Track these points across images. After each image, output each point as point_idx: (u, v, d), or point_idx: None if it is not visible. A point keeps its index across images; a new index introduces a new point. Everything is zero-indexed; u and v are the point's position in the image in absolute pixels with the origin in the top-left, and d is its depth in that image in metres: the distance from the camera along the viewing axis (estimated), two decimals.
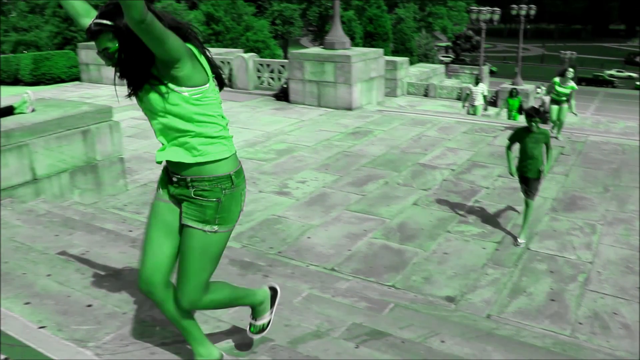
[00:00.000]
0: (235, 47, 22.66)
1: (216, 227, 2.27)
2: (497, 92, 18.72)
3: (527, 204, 5.87)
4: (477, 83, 14.45)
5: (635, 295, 4.77)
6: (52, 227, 5.10)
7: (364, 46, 28.62)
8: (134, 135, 9.67)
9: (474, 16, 29.56)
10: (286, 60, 13.98)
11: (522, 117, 8.30)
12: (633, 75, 59.91)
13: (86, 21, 2.49)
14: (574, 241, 5.79)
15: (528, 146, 5.77)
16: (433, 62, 37.79)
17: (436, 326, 3.85)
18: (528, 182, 5.87)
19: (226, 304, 2.66)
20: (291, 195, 6.99)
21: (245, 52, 16.05)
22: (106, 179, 6.99)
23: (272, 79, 13.92)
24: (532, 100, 18.67)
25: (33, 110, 6.53)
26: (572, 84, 9.85)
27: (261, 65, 14.19)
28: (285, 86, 13.11)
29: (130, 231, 5.42)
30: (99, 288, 3.51)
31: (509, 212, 6.51)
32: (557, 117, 9.88)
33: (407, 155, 8.73)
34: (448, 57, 50.04)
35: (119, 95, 2.21)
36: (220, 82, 2.37)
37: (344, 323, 3.50)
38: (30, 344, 2.82)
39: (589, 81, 54.36)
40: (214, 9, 30.14)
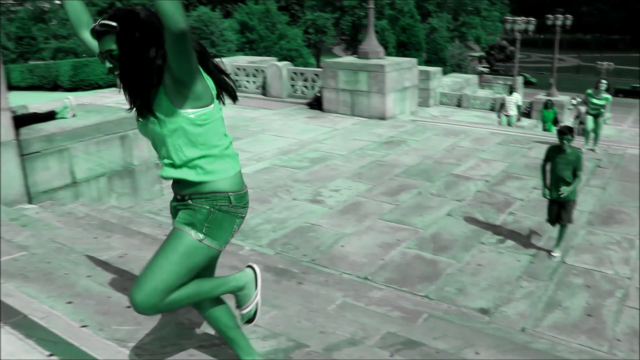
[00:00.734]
0: (268, 55, 22.85)
1: (202, 236, 2.17)
2: (532, 103, 18.52)
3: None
4: (511, 93, 14.33)
5: None
6: (91, 230, 5.22)
7: (397, 56, 28.59)
8: None
9: (509, 26, 29.30)
10: (320, 68, 14.06)
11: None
12: None
13: (87, 35, 2.44)
14: (612, 256, 5.69)
15: (558, 167, 5.55)
16: (466, 73, 37.54)
17: (470, 338, 3.83)
18: (561, 205, 5.66)
19: (194, 300, 2.34)
20: (324, 203, 7.02)
21: (278, 61, 16.19)
22: (142, 184, 7.11)
23: (306, 88, 14.01)
24: (567, 112, 18.43)
25: (74, 115, 6.69)
26: (607, 96, 9.69)
27: (295, 73, 14.29)
28: (318, 95, 13.19)
29: (165, 236, 5.50)
30: None
31: (544, 225, 6.43)
32: (593, 130, 9.75)
33: (441, 165, 8.70)
34: (487, 67, 49.57)
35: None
36: (231, 95, 2.36)
37: (378, 332, 3.51)
38: (73, 342, 2.89)
39: (627, 93, 53.30)
40: (249, 18, 30.47)
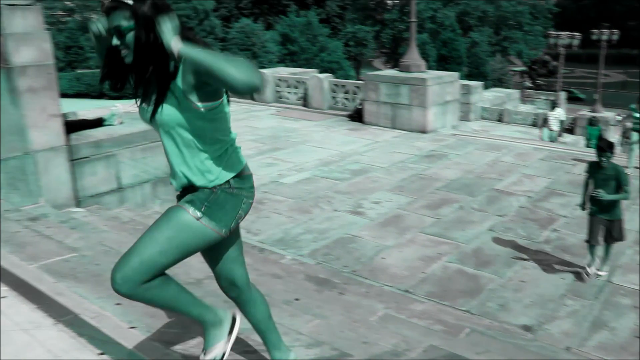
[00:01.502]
0: (309, 67, 23.02)
1: (199, 214, 2.03)
2: (575, 119, 18.21)
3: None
4: (554, 108, 14.12)
5: None
6: (136, 234, 5.29)
7: (437, 69, 28.49)
8: None
9: (552, 41, 28.91)
10: (361, 81, 14.10)
11: None
12: None
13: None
14: None
15: (597, 183, 5.36)
16: (507, 87, 37.12)
17: (514, 354, 3.79)
18: (609, 224, 5.45)
19: (168, 304, 2.21)
20: (365, 215, 7.03)
21: (319, 73, 16.29)
22: None
23: (347, 100, 14.05)
24: (612, 128, 18.05)
25: (121, 122, 6.85)
26: None
27: (336, 85, 14.36)
28: (359, 107, 13.22)
29: None
30: None
31: None
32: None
33: (483, 180, 8.62)
34: (538, 82, 48.72)
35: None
36: None
37: (421, 344, 3.50)
38: (122, 343, 2.96)
39: None
40: (290, 30, 30.79)
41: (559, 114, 14.06)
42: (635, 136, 9.51)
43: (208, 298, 3.79)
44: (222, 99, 2.07)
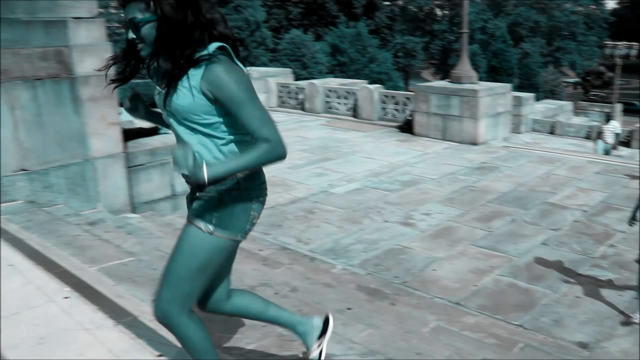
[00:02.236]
0: (358, 78, 23.08)
1: (212, 228, 2.01)
2: (632, 132, 17.69)
3: None
4: (609, 121, 13.77)
5: None
6: None
7: (488, 81, 28.23)
8: None
9: (608, 51, 28.25)
10: (411, 92, 14.07)
11: None
12: None
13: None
14: None
15: None
16: (560, 99, 36.40)
17: None
18: None
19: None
20: (416, 226, 6.99)
21: (369, 84, 16.31)
22: None
23: (397, 111, 14.03)
24: None
25: None
26: None
27: (386, 96, 14.36)
28: (409, 118, 13.18)
29: (260, 250, 5.66)
30: None
31: None
32: None
33: (535, 193, 8.47)
34: (598, 94, 47.44)
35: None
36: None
37: (474, 357, 3.47)
38: (180, 345, 3.02)
39: None
40: (340, 41, 30.96)
41: (614, 127, 13.71)
42: None
43: None
44: None
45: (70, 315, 3.41)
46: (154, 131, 7.07)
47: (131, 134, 6.75)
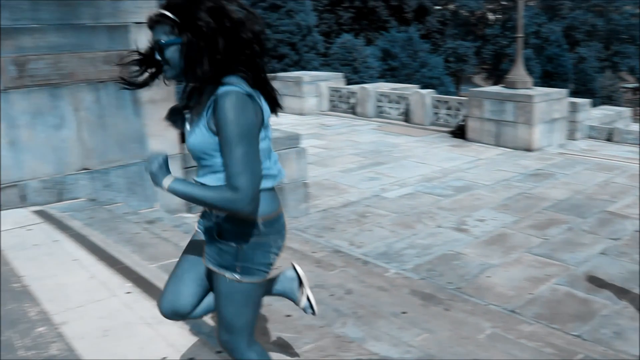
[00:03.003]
0: (409, 83, 22.94)
1: (238, 276, 2.01)
2: None
3: None
4: None
5: None
6: None
7: (542, 86, 27.67)
8: (315, 162, 10.09)
9: None
10: (464, 97, 13.90)
11: None
12: None
13: None
14: None
15: None
16: (618, 105, 35.34)
17: None
18: None
19: None
20: (469, 232, 6.91)
21: (420, 88, 16.20)
22: (290, 202, 7.40)
23: (449, 116, 13.88)
24: None
25: None
26: None
27: (438, 101, 14.23)
28: (462, 123, 13.04)
29: (314, 252, 5.69)
30: None
31: None
32: None
33: (593, 201, 8.25)
34: None
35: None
36: (275, 104, 2.08)
37: None
38: None
39: None
40: (391, 45, 30.84)
41: None
42: None
43: (317, 307, 3.87)
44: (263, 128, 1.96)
45: (132, 309, 3.51)
46: None
47: None
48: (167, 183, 1.93)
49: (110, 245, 4.71)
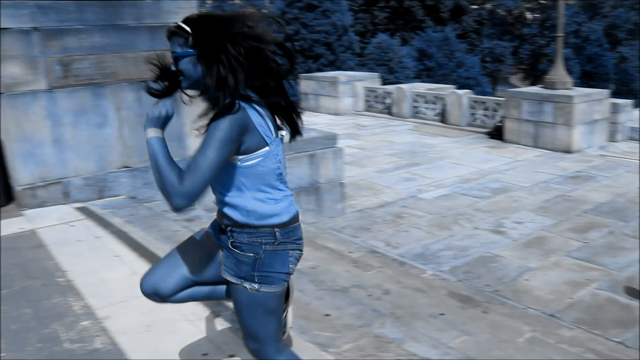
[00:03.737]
0: (445, 83, 22.74)
1: (257, 286, 2.01)
2: None
3: None
4: None
5: None
6: None
7: (581, 86, 27.22)
8: (351, 162, 10.09)
9: None
10: (501, 98, 13.72)
11: None
12: None
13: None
14: None
15: None
16: None
17: None
18: None
19: None
20: (507, 235, 6.83)
21: (456, 89, 16.05)
22: (326, 202, 7.42)
23: (486, 117, 13.72)
24: None
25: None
26: None
27: (475, 102, 14.08)
28: (499, 124, 12.88)
29: (350, 252, 5.70)
30: (333, 300, 3.76)
31: None
32: None
33: (635, 205, 8.06)
34: None
35: None
36: (294, 129, 2.09)
37: None
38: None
39: None
40: (427, 45, 30.60)
41: None
42: None
43: (355, 306, 3.89)
44: (265, 148, 1.95)
45: (173, 306, 3.55)
46: None
47: None
48: (151, 134, 2.03)
49: (150, 242, 4.79)
